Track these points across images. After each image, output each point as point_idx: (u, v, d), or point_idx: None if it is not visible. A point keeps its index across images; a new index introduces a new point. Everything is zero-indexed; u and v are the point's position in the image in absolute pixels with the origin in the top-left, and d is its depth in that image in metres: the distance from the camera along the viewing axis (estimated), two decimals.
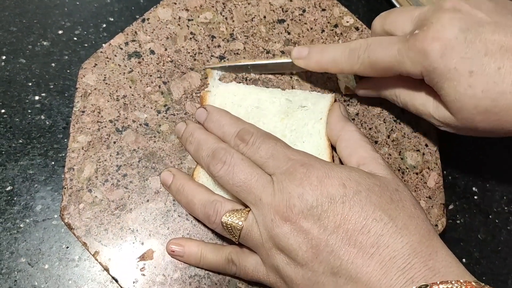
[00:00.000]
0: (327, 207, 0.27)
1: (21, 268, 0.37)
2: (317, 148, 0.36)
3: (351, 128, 0.35)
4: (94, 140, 0.37)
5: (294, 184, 0.28)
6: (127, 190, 0.35)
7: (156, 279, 0.34)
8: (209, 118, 0.35)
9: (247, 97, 0.37)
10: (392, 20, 0.35)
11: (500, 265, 0.41)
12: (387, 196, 0.28)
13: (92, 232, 0.34)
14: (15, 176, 0.39)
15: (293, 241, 0.27)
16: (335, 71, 0.36)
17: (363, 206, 0.27)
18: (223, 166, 0.31)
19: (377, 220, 0.27)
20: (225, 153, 0.32)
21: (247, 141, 0.32)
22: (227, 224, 0.30)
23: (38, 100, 0.42)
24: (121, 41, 0.40)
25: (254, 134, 0.32)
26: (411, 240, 0.26)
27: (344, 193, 0.27)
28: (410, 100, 0.35)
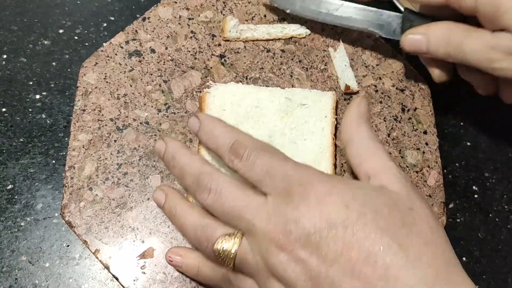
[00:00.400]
0: (327, 234, 0.24)
1: (21, 266, 0.37)
2: (319, 146, 0.36)
3: (363, 133, 0.30)
4: (95, 138, 0.37)
5: (291, 207, 0.25)
6: (127, 189, 0.36)
7: (157, 277, 0.34)
8: (202, 129, 0.31)
9: (246, 97, 0.37)
10: None
11: (500, 264, 0.41)
12: (397, 219, 0.25)
13: (93, 230, 0.34)
14: (16, 174, 0.39)
15: (291, 272, 0.25)
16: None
17: (368, 231, 0.24)
18: (209, 194, 0.28)
19: (385, 249, 0.23)
20: (210, 179, 0.29)
21: (241, 155, 0.28)
22: (219, 252, 0.27)
23: (39, 99, 0.42)
24: (121, 40, 0.40)
25: (248, 147, 0.28)
26: (425, 273, 0.23)
27: (346, 216, 0.24)
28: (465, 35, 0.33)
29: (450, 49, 0.34)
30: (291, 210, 0.25)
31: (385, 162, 0.29)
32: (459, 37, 0.33)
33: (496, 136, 0.45)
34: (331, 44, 0.42)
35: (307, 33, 0.42)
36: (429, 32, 0.35)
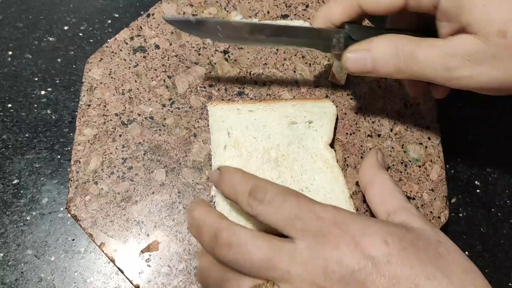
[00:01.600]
0: (371, 270, 0.24)
1: (27, 260, 0.37)
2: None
3: (384, 176, 0.32)
4: (100, 133, 0.37)
5: (329, 248, 0.25)
6: (132, 183, 0.36)
7: (161, 270, 0.34)
8: (221, 180, 0.30)
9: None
10: None
11: (502, 258, 0.41)
12: (433, 250, 0.25)
13: (98, 223, 0.35)
14: (21, 169, 0.40)
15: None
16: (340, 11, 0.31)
17: (411, 263, 0.24)
18: (230, 249, 0.26)
19: (430, 279, 0.24)
20: (229, 233, 0.26)
21: (262, 199, 0.27)
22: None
23: (44, 94, 0.42)
24: (126, 36, 0.40)
25: (269, 191, 0.27)
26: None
27: (388, 251, 0.24)
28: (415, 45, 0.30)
29: (401, 63, 0.30)
30: (331, 251, 0.25)
31: (404, 203, 0.30)
32: (409, 47, 0.30)
33: (498, 131, 0.45)
34: None
35: None
36: (372, 47, 0.31)
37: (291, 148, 0.36)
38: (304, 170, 0.35)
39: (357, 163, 0.38)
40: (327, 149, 0.36)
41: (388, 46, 0.30)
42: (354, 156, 0.38)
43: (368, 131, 0.39)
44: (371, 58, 0.31)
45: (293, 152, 0.36)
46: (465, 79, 0.28)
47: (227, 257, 0.26)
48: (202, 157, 0.37)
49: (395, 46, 0.30)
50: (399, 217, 0.28)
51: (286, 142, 0.36)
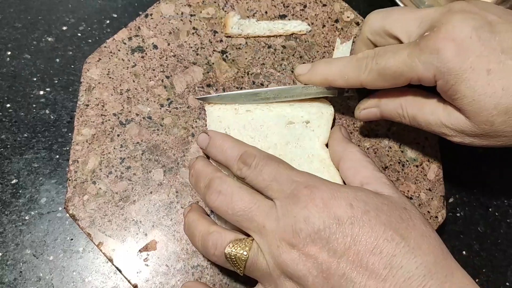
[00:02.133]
0: (335, 229, 0.26)
1: (26, 259, 0.37)
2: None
3: (353, 149, 0.34)
4: (98, 133, 0.37)
5: (299, 207, 0.27)
6: (130, 182, 0.36)
7: (159, 270, 0.34)
8: (211, 144, 0.34)
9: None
10: (394, 18, 0.33)
11: (499, 257, 0.41)
12: (396, 215, 0.27)
13: (96, 223, 0.35)
14: (20, 169, 0.40)
15: (302, 267, 0.26)
16: (341, 83, 0.34)
17: (372, 226, 0.26)
18: (219, 195, 0.30)
19: (388, 240, 0.26)
20: (220, 182, 0.30)
21: (249, 164, 0.30)
22: (231, 255, 0.29)
23: (43, 95, 0.43)
24: (124, 36, 0.40)
25: (256, 156, 0.31)
26: (425, 260, 0.25)
27: (352, 213, 0.26)
28: (419, 110, 0.33)
29: (405, 120, 0.34)
30: (300, 210, 0.27)
31: (375, 173, 0.32)
32: (412, 111, 0.33)
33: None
34: (342, 36, 0.42)
35: (308, 29, 0.42)
36: (381, 105, 0.35)
37: (289, 148, 0.36)
38: (301, 169, 0.35)
39: None
40: (323, 149, 0.36)
41: (394, 107, 0.34)
42: None
43: (366, 131, 0.39)
44: (380, 112, 0.36)
45: (291, 152, 0.36)
46: (460, 142, 0.32)
47: (215, 203, 0.30)
48: None
49: (401, 108, 0.34)
50: (371, 186, 0.30)
51: (283, 141, 0.36)
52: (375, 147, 0.39)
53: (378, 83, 0.32)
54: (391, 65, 0.31)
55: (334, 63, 0.34)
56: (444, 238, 0.40)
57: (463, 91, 0.28)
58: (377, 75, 0.32)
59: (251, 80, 0.40)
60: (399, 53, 0.30)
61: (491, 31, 0.28)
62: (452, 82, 0.29)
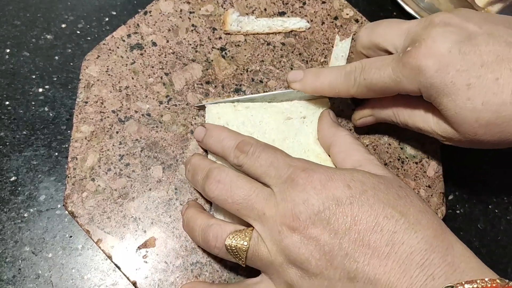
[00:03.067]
0: (335, 210, 0.26)
1: (25, 256, 0.37)
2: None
3: (342, 133, 0.34)
4: (97, 130, 0.37)
5: (297, 191, 0.27)
6: (129, 179, 0.36)
7: (158, 266, 0.34)
8: (208, 134, 0.34)
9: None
10: (381, 32, 0.34)
11: (499, 254, 0.41)
12: (393, 193, 0.27)
13: (95, 220, 0.35)
14: (19, 166, 0.40)
15: (305, 250, 0.26)
16: (332, 94, 0.35)
17: (371, 204, 0.26)
18: (218, 185, 0.30)
19: (388, 218, 0.26)
20: (219, 172, 0.30)
21: (246, 151, 0.30)
22: (232, 246, 0.29)
23: (42, 92, 0.42)
24: (123, 33, 0.40)
25: (253, 144, 0.31)
26: (426, 235, 0.25)
27: (350, 194, 0.27)
28: (410, 118, 0.34)
29: (399, 125, 0.36)
30: (299, 193, 0.27)
31: (366, 155, 0.32)
32: (404, 118, 0.34)
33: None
34: (341, 33, 0.42)
35: (307, 26, 0.42)
36: (375, 114, 0.37)
37: (286, 143, 0.36)
38: None
39: None
40: (316, 144, 0.36)
41: (388, 115, 0.36)
42: None
43: (365, 127, 0.39)
44: (375, 118, 0.37)
45: (288, 147, 0.36)
46: (452, 144, 0.33)
47: (215, 192, 0.30)
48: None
49: (394, 115, 0.35)
50: (364, 168, 0.30)
51: (281, 137, 0.36)
52: (374, 144, 0.39)
53: (369, 95, 0.33)
54: (377, 81, 0.32)
55: (324, 76, 0.35)
56: None
57: (446, 104, 0.29)
58: (366, 89, 0.33)
59: (250, 77, 0.40)
60: (383, 68, 0.31)
61: (472, 44, 0.28)
62: (435, 96, 0.29)
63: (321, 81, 0.35)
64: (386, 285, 0.25)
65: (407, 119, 0.34)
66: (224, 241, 0.29)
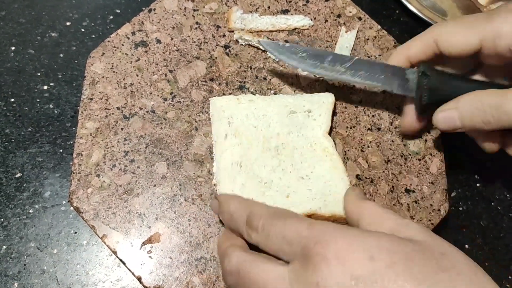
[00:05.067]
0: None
1: (30, 252, 0.37)
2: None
3: (370, 204, 0.29)
4: (102, 126, 0.37)
5: (310, 270, 0.24)
6: (134, 175, 0.36)
7: (163, 262, 0.34)
8: (221, 210, 0.32)
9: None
10: None
11: (502, 251, 0.41)
12: (433, 264, 0.23)
13: (100, 215, 0.35)
14: (24, 163, 0.40)
15: None
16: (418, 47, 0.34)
17: (402, 282, 0.22)
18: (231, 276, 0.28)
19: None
20: (229, 261, 0.28)
21: (256, 227, 0.28)
22: None
23: (47, 89, 0.43)
24: (128, 31, 0.40)
25: (262, 217, 0.28)
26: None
27: (373, 269, 0.22)
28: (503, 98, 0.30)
29: (489, 116, 0.30)
30: (312, 273, 0.24)
31: (400, 220, 0.27)
32: (495, 101, 0.30)
33: None
34: (347, 26, 0.43)
35: (310, 24, 0.43)
36: (460, 106, 0.32)
37: (291, 137, 0.36)
38: (304, 158, 0.35)
39: (357, 156, 0.38)
40: (326, 137, 0.36)
41: (474, 102, 0.31)
42: (354, 149, 0.39)
43: (368, 124, 0.40)
44: (459, 116, 0.32)
45: (293, 141, 0.36)
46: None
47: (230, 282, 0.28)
48: (203, 150, 0.37)
49: (481, 102, 0.31)
50: (400, 234, 0.26)
51: (285, 131, 0.36)
52: (377, 141, 0.39)
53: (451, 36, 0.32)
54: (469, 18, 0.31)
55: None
56: (447, 232, 0.41)
57: None
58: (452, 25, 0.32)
59: (254, 74, 0.40)
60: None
61: None
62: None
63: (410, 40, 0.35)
64: None
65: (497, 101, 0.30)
66: None
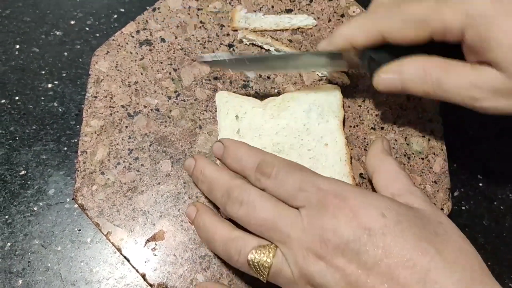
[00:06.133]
0: (366, 241, 0.25)
1: (34, 249, 0.37)
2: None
3: (390, 161, 0.32)
4: (107, 124, 0.37)
5: (327, 217, 0.26)
6: (138, 173, 0.36)
7: (167, 259, 0.34)
8: (226, 153, 0.32)
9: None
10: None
11: (504, 251, 0.41)
12: (431, 228, 0.26)
13: (105, 213, 0.35)
14: (28, 160, 0.40)
15: (330, 278, 0.25)
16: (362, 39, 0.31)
17: (406, 237, 0.25)
18: (241, 206, 0.28)
19: (422, 253, 0.24)
20: (241, 191, 0.29)
21: (269, 174, 0.29)
22: (254, 262, 0.28)
23: (51, 87, 0.43)
24: (132, 30, 0.41)
25: (276, 165, 0.29)
26: (462, 277, 0.24)
27: (384, 223, 0.25)
28: (444, 72, 0.30)
29: (428, 88, 0.31)
30: (328, 220, 0.26)
31: (410, 186, 0.30)
32: (436, 74, 0.30)
33: (501, 125, 0.46)
34: None
35: (314, 24, 0.43)
36: (402, 70, 0.32)
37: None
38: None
39: (361, 155, 0.38)
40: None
41: (417, 70, 0.31)
42: (358, 148, 0.39)
43: (372, 124, 0.40)
44: (400, 80, 0.32)
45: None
46: (490, 108, 0.29)
47: (238, 213, 0.29)
48: (207, 149, 0.37)
49: (424, 70, 0.31)
50: (403, 199, 0.29)
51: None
52: None
53: (399, 33, 0.30)
54: (416, 11, 0.29)
55: (354, 20, 0.33)
56: None
57: (497, 38, 0.26)
58: (400, 22, 0.30)
59: (257, 73, 0.40)
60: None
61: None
62: (484, 29, 0.27)
63: (351, 25, 0.32)
64: None
65: (440, 75, 0.30)
66: (247, 256, 0.28)
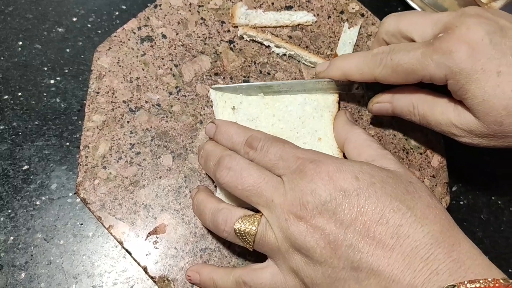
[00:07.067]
0: (342, 201, 0.27)
1: (37, 243, 0.38)
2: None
3: (357, 130, 0.35)
4: (109, 119, 0.38)
5: (305, 181, 0.28)
6: (140, 167, 0.37)
7: (168, 252, 0.35)
8: (218, 131, 0.34)
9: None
10: (410, 21, 0.34)
11: (502, 244, 0.41)
12: (402, 188, 0.28)
13: (107, 206, 0.35)
14: (31, 156, 0.41)
15: (310, 239, 0.27)
16: (356, 77, 0.35)
17: (378, 197, 0.27)
18: (229, 172, 0.31)
19: (394, 211, 0.26)
20: (230, 159, 0.31)
21: (255, 147, 0.31)
22: (240, 230, 0.30)
23: (54, 83, 0.43)
24: (134, 26, 0.41)
25: (262, 139, 0.32)
26: (432, 229, 0.26)
27: (358, 185, 0.27)
28: (429, 109, 0.34)
29: (415, 119, 0.36)
30: (307, 183, 0.28)
31: (381, 151, 0.32)
32: (423, 110, 0.34)
33: None
34: (350, 22, 0.43)
35: (314, 20, 0.43)
36: (394, 101, 0.36)
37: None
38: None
39: None
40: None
41: (407, 103, 0.36)
42: None
43: (370, 119, 0.40)
44: (392, 108, 0.37)
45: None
46: (467, 143, 0.34)
47: (225, 179, 0.31)
48: None
49: (412, 105, 0.35)
50: (377, 163, 0.31)
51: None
52: (380, 135, 0.40)
53: (391, 79, 0.33)
54: (405, 62, 0.32)
55: (351, 58, 0.36)
56: None
57: (473, 91, 0.30)
58: (391, 70, 0.33)
59: (258, 69, 0.41)
60: (413, 51, 0.32)
61: (502, 36, 0.30)
62: (463, 82, 0.30)
63: (347, 63, 0.35)
64: (389, 277, 0.25)
65: (425, 110, 0.34)
66: (233, 225, 0.30)
